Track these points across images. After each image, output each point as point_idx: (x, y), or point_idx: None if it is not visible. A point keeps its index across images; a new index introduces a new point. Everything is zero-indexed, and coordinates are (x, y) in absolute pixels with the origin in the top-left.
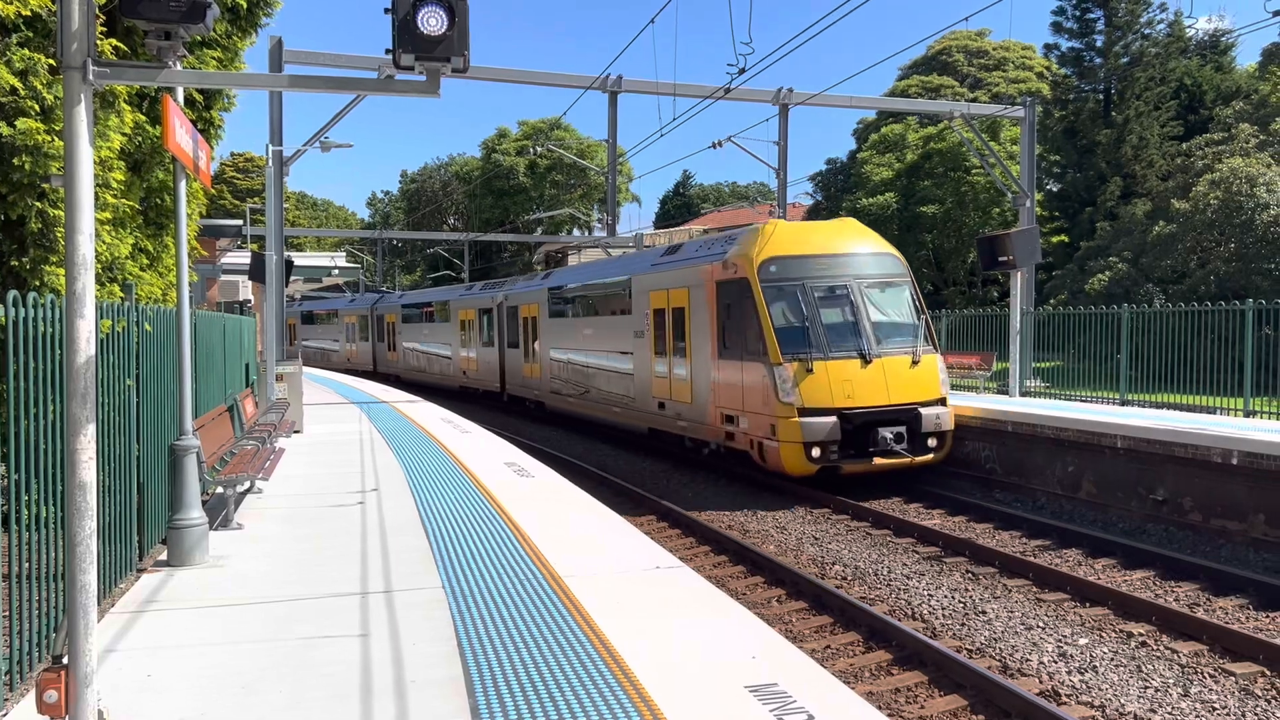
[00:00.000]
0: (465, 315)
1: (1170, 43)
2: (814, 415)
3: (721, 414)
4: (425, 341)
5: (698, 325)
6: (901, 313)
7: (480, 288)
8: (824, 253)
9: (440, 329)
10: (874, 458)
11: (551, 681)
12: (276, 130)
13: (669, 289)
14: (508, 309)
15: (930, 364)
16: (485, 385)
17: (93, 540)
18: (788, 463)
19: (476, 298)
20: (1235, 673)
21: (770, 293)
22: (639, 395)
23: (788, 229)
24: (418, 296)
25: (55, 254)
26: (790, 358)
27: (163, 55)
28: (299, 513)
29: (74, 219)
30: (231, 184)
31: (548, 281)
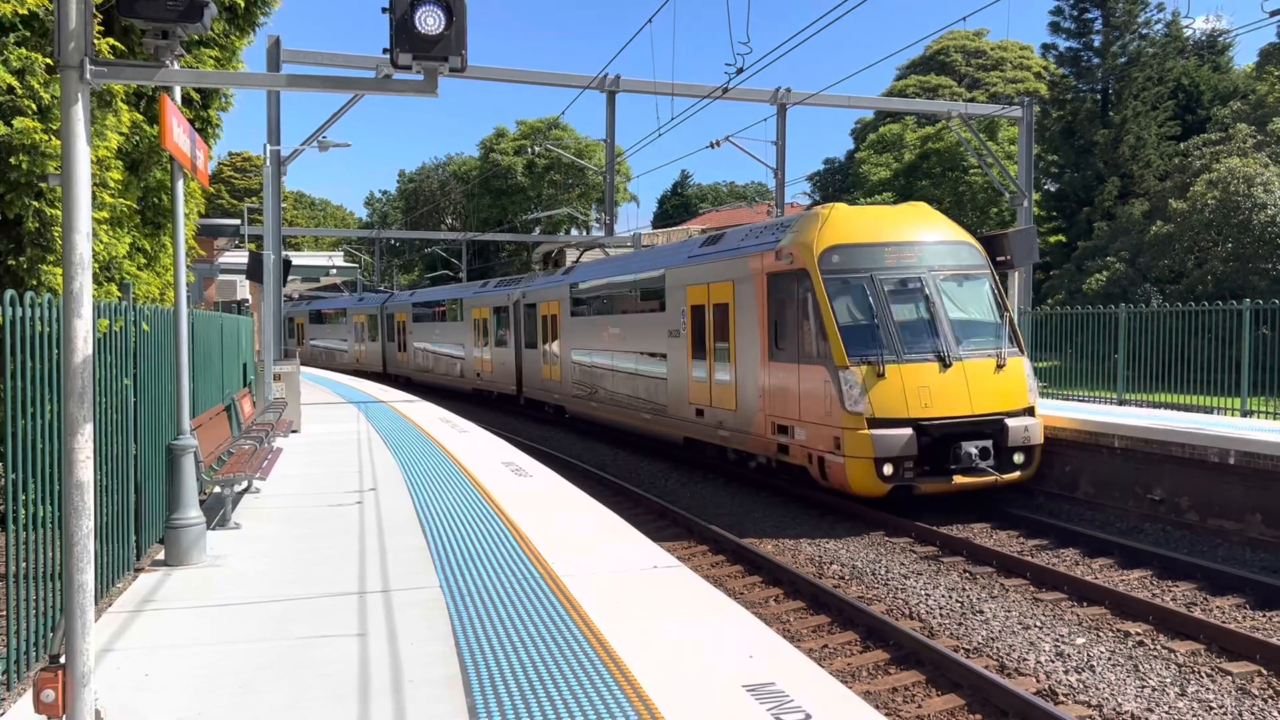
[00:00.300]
0: (479, 314)
1: (1168, 43)
2: (886, 427)
3: (773, 424)
4: (437, 341)
5: (744, 323)
6: (982, 309)
7: (495, 284)
8: (894, 240)
9: (453, 328)
10: (953, 476)
11: (549, 681)
12: (274, 130)
13: (709, 283)
14: (525, 307)
15: (1017, 368)
16: (500, 388)
17: (90, 540)
18: (855, 481)
19: (491, 295)
20: (1232, 672)
21: (833, 286)
22: (673, 401)
23: (850, 214)
24: (430, 294)
25: (52, 253)
26: (858, 360)
27: (160, 54)
28: (297, 512)
29: (71, 218)
30: (229, 183)
31: (570, 277)
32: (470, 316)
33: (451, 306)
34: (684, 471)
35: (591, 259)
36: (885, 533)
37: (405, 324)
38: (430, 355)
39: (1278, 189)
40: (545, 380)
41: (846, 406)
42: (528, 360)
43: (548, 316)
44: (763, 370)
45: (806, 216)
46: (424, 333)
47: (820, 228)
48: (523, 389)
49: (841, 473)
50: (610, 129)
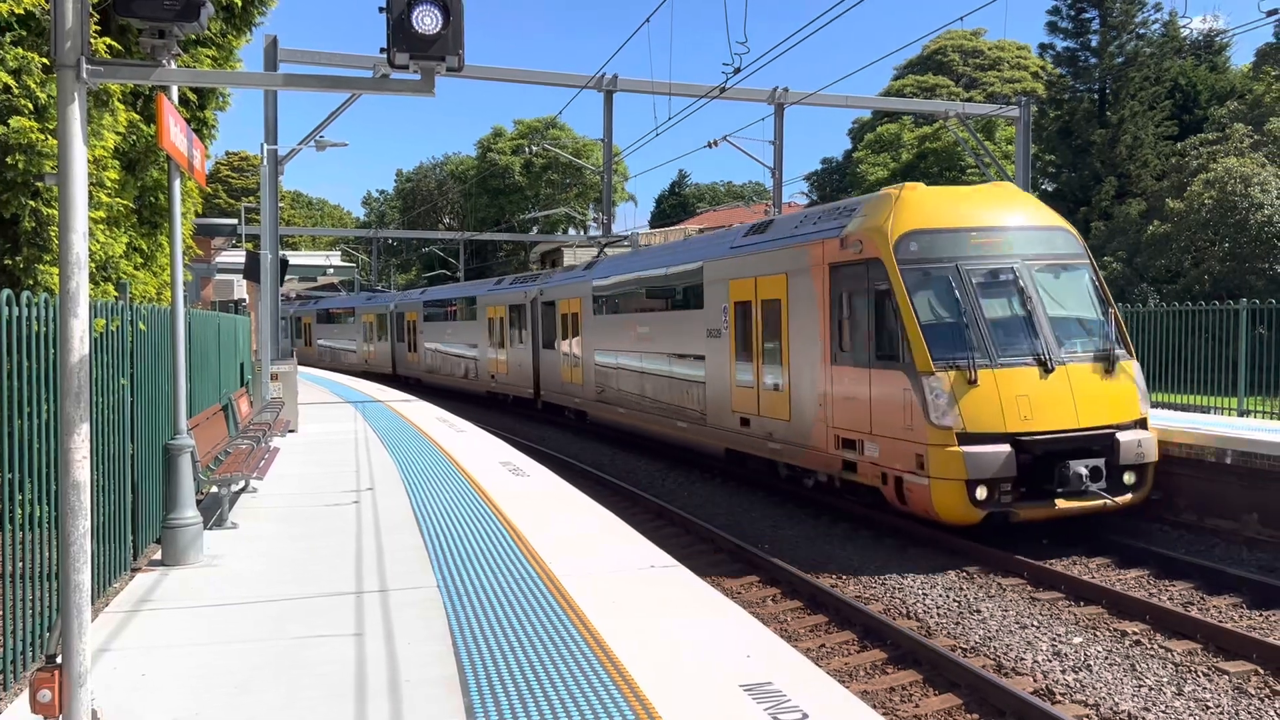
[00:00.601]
0: (494, 313)
1: (1165, 43)
2: (980, 443)
3: (836, 437)
4: (449, 342)
5: (800, 321)
6: (1084, 304)
7: (511, 281)
8: (980, 225)
9: (466, 328)
10: (1055, 499)
11: (546, 680)
12: (271, 129)
13: (757, 276)
14: (542, 305)
15: (1127, 373)
16: (516, 391)
17: (86, 540)
18: (943, 506)
19: (507, 293)
20: (1229, 671)
21: (912, 277)
22: (714, 409)
23: (927, 194)
24: (442, 292)
25: (49, 253)
26: (945, 364)
27: (157, 54)
28: (294, 512)
29: (68, 218)
30: (226, 183)
31: (592, 273)
32: (484, 315)
33: (465, 305)
34: (681, 471)
35: (615, 253)
36: (907, 543)
37: (416, 323)
38: (442, 356)
39: (1274, 189)
40: (565, 383)
41: (932, 419)
42: (546, 362)
43: (568, 315)
44: (824, 375)
45: (875, 199)
46: (435, 332)
47: (894, 211)
48: (540, 392)
49: (925, 497)
50: (608, 129)
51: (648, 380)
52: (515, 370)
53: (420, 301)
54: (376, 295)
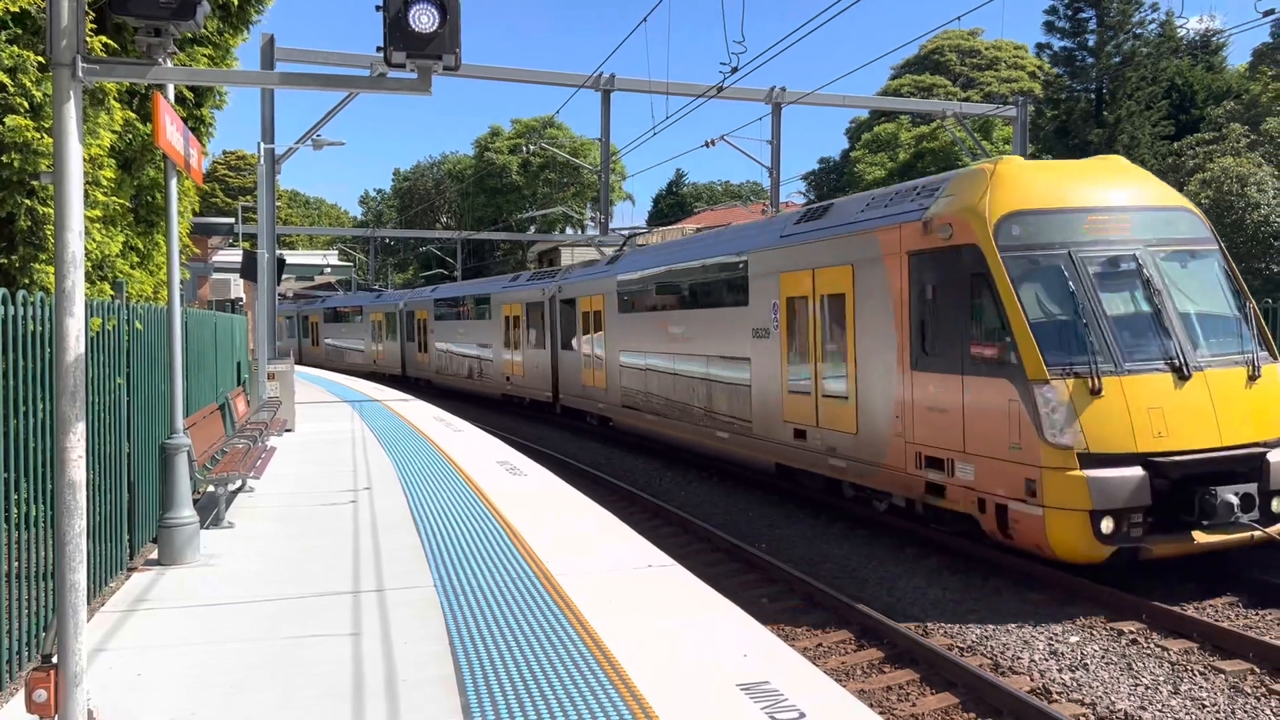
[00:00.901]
0: (510, 310)
1: (1161, 43)
2: (1106, 465)
3: (918, 455)
4: (461, 342)
5: (870, 318)
6: (1216, 298)
7: (529, 278)
8: (1094, 205)
9: (479, 327)
10: (1193, 531)
11: (543, 680)
12: (268, 128)
13: (815, 268)
14: (561, 303)
15: (1273, 380)
16: (533, 394)
17: (82, 539)
18: (1060, 542)
19: (523, 290)
20: (1225, 670)
21: (1017, 266)
22: (762, 418)
23: (1029, 171)
24: (454, 290)
25: (45, 252)
26: (1061, 370)
27: (153, 52)
28: (291, 511)
29: (63, 216)
30: (223, 182)
31: (616, 268)
32: (499, 314)
33: (478, 303)
34: (678, 470)
35: (642, 244)
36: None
37: (426, 322)
38: (454, 357)
39: (1271, 188)
40: (586, 387)
41: (1047, 436)
42: (565, 364)
43: (590, 313)
44: (901, 382)
45: (965, 175)
46: (447, 332)
47: (991, 188)
48: (559, 396)
49: (1038, 530)
50: (605, 128)
51: (681, 385)
52: (532, 372)
53: (431, 299)
54: (386, 293)
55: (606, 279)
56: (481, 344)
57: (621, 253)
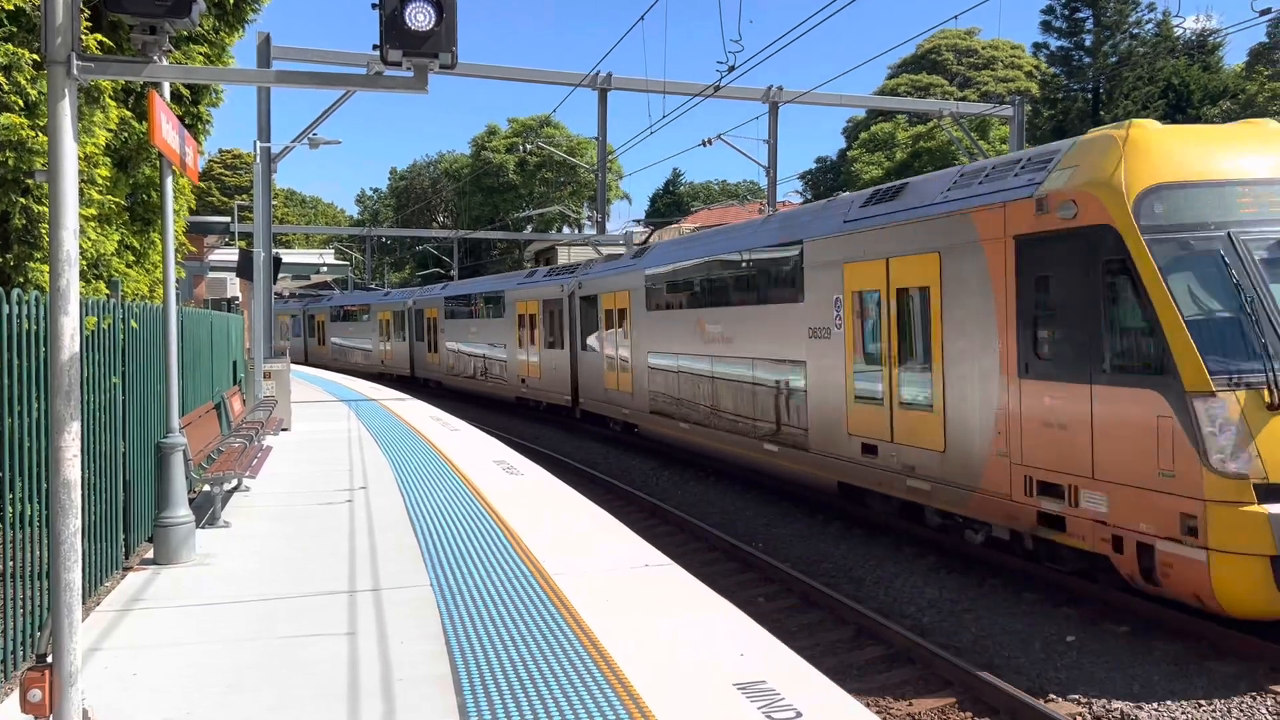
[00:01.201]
0: (525, 309)
1: (1158, 42)
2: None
3: (1026, 478)
4: (473, 341)
5: (962, 315)
6: None
7: (546, 273)
8: (1256, 177)
9: (492, 326)
10: None
11: (540, 679)
12: (264, 127)
13: (889, 257)
14: (581, 300)
15: None
16: (550, 397)
17: (77, 538)
18: (1230, 592)
19: (540, 286)
20: (1218, 671)
21: (1164, 252)
22: (821, 430)
23: (1169, 137)
24: (466, 287)
25: (39, 250)
26: (1228, 380)
27: (148, 50)
28: (287, 511)
29: (58, 215)
30: (219, 181)
31: (643, 261)
32: (513, 312)
33: (491, 300)
34: (675, 470)
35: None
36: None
37: (436, 321)
38: (466, 358)
39: None
40: (610, 391)
41: (1213, 462)
42: (586, 365)
43: (613, 311)
44: (1005, 391)
45: (1088, 143)
46: (458, 331)
47: (1126, 159)
48: (579, 400)
49: (1199, 578)
50: (602, 127)
51: (721, 390)
52: (550, 374)
53: (441, 297)
54: (394, 291)
55: (632, 274)
56: (495, 344)
57: (647, 244)
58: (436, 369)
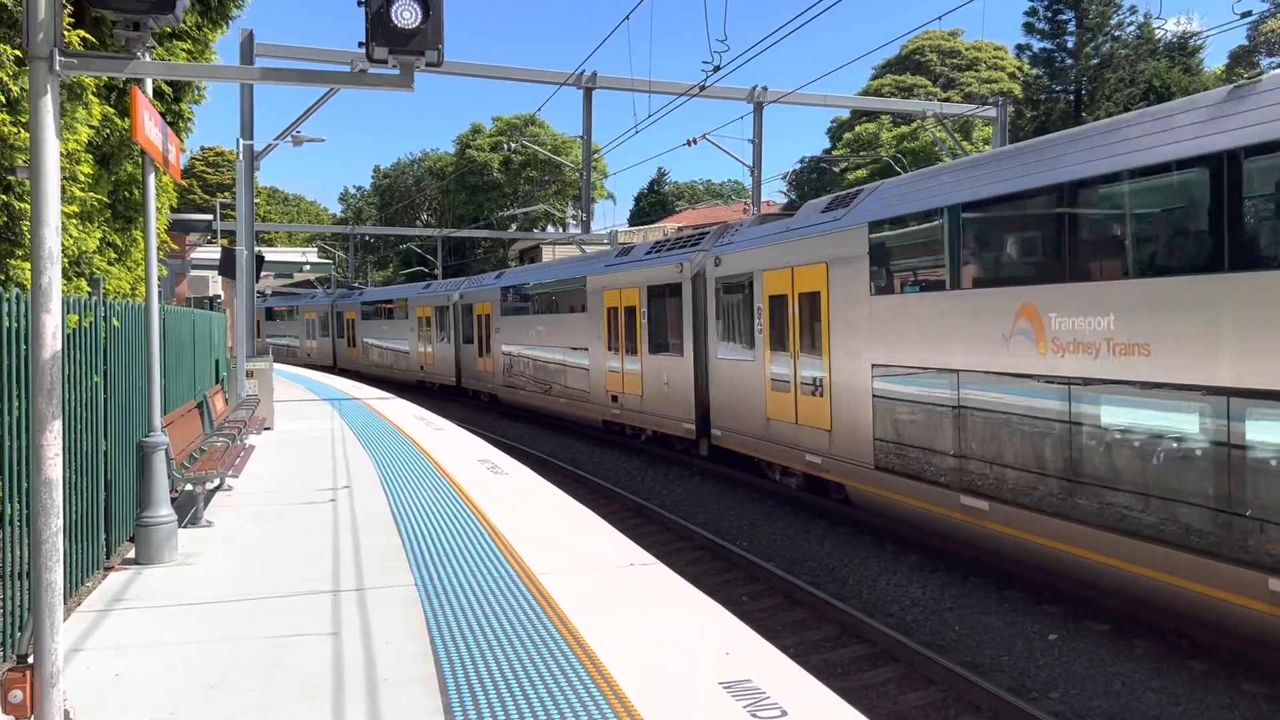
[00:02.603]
0: (618, 299)
1: (1140, 44)
2: None
3: None
4: (541, 343)
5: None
6: None
7: (648, 250)
8: None
9: (567, 324)
10: None
11: (525, 678)
12: (247, 124)
13: None
14: (719, 283)
15: None
16: (663, 423)
17: (58, 538)
18: None
19: (640, 269)
20: (1197, 669)
21: None
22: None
23: None
24: (529, 274)
25: (20, 247)
26: None
27: (131, 46)
28: (270, 510)
29: (40, 212)
30: (201, 178)
31: (856, 212)
32: (600, 305)
33: (564, 291)
34: (660, 469)
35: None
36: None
37: (489, 319)
38: (528, 364)
39: None
40: (779, 424)
41: None
42: (723, 379)
43: (779, 299)
44: None
45: None
46: (519, 330)
47: None
48: (713, 429)
49: None
50: (587, 126)
51: (1060, 435)
52: (658, 390)
53: (496, 289)
54: (435, 284)
55: (812, 239)
56: (568, 346)
57: (855, 198)
58: (489, 378)
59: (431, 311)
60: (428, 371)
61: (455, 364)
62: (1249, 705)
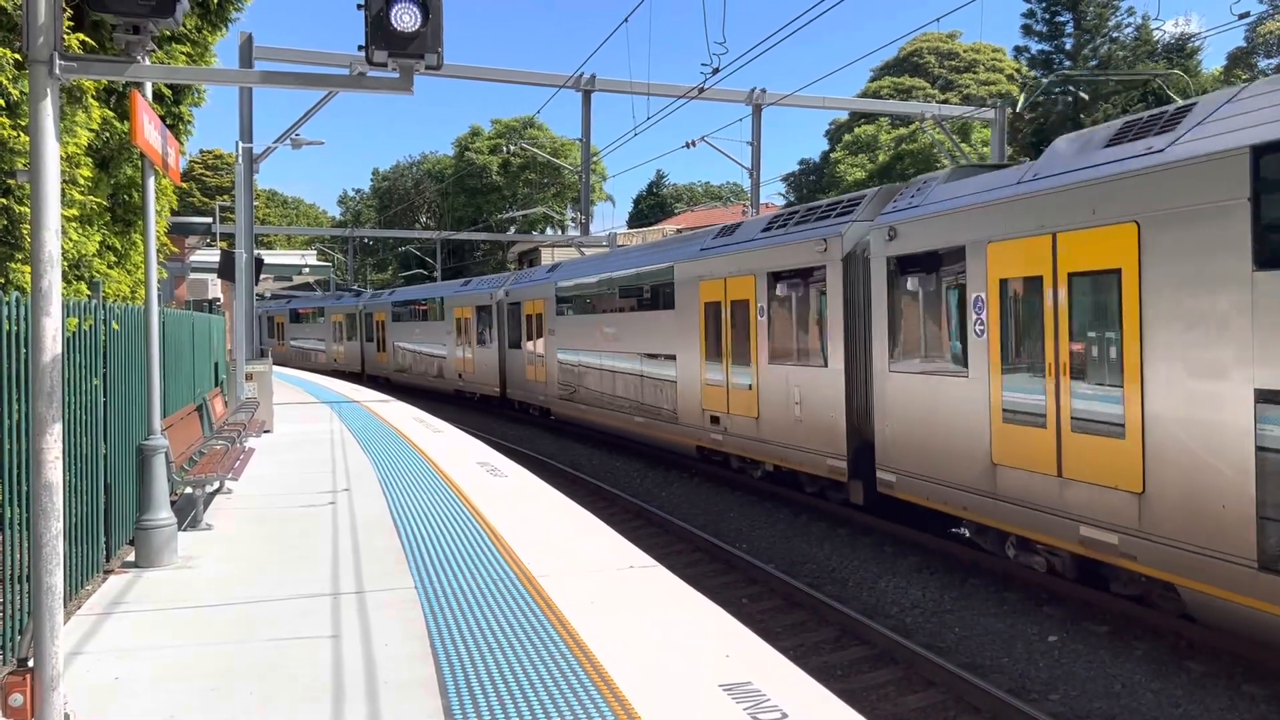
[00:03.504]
0: (719, 291)
1: (1138, 46)
2: None
3: None
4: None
5: None
6: None
7: (764, 226)
8: None
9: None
10: None
11: (525, 681)
12: (246, 127)
13: None
14: (897, 263)
15: None
16: (792, 456)
17: (58, 541)
18: None
19: (770, 246)
20: (1196, 670)
21: None
22: None
23: None
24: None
25: (21, 251)
26: None
27: (131, 50)
28: (269, 513)
29: (40, 215)
30: (201, 181)
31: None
32: (694, 300)
33: (642, 284)
34: (659, 471)
35: None
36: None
37: (540, 319)
38: (593, 373)
39: None
40: (1004, 469)
41: None
42: (900, 402)
43: (1028, 282)
44: None
45: None
46: (580, 332)
47: None
48: (875, 471)
49: None
50: (586, 128)
51: None
52: (781, 413)
53: (553, 284)
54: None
55: (1178, 169)
56: (651, 354)
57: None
58: (541, 388)
59: (472, 312)
60: (466, 380)
61: (499, 372)
62: (1248, 706)
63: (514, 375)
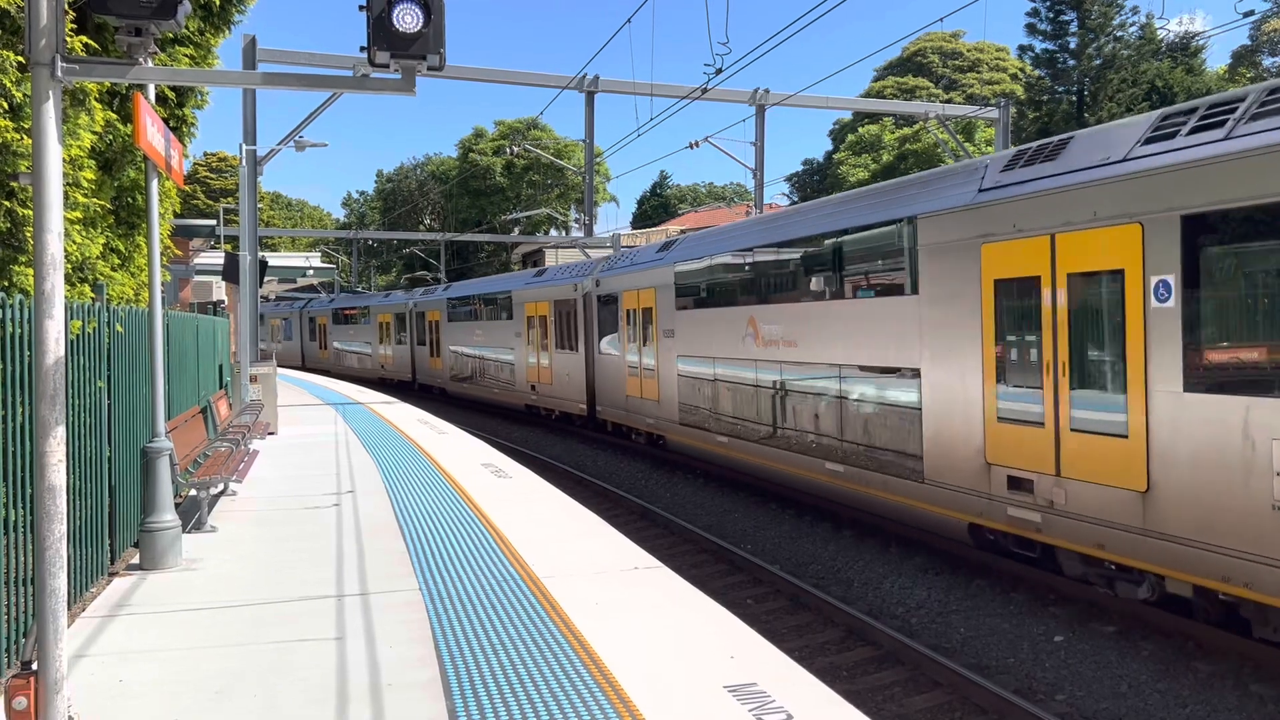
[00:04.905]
0: (1003, 263)
1: (1142, 45)
2: None
3: None
4: (759, 354)
5: None
6: None
7: (965, 173)
8: None
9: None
10: None
11: (530, 683)
12: (250, 129)
13: None
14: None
15: None
16: (1078, 534)
17: (63, 544)
18: None
19: (1035, 200)
20: (1204, 670)
21: None
22: None
23: None
24: (748, 232)
25: (24, 253)
26: None
27: (133, 52)
28: (274, 515)
29: (43, 218)
30: (205, 184)
31: None
32: (946, 286)
33: (822, 262)
34: (664, 473)
35: None
36: None
37: (650, 316)
38: (746, 395)
39: None
40: None
41: None
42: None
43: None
44: None
45: None
46: (718, 331)
47: None
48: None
49: None
50: (589, 129)
51: None
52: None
53: (669, 269)
54: (551, 270)
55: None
56: (843, 363)
57: None
58: (651, 410)
59: (548, 308)
60: (541, 393)
61: (586, 385)
62: (1256, 706)
63: (607, 390)
